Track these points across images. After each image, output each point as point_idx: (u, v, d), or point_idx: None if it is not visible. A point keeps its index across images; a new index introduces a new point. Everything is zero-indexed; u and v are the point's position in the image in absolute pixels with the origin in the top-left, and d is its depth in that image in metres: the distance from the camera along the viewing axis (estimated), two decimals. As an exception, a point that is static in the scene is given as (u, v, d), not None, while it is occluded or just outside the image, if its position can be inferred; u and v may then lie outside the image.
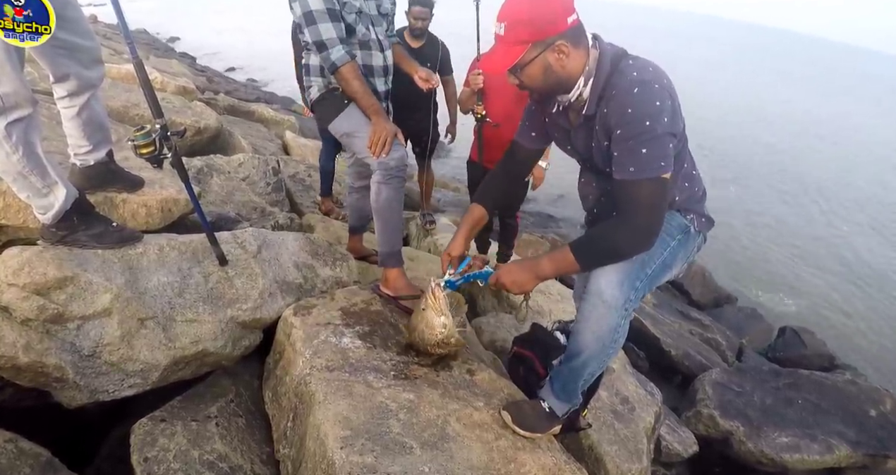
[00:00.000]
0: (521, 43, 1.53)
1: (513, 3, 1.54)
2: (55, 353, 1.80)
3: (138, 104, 4.51)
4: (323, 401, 1.79)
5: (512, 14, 1.53)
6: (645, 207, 1.53)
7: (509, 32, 1.54)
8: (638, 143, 1.49)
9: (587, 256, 1.66)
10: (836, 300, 9.11)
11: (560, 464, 1.86)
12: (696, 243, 1.84)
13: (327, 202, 4.55)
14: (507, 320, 3.22)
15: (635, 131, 1.49)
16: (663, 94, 1.50)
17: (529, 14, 1.50)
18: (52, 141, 2.65)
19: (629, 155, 1.51)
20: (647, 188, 1.51)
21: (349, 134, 2.53)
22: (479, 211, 2.05)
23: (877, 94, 43.83)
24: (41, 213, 1.98)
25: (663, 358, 4.91)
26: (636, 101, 1.49)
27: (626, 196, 1.56)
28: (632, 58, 1.61)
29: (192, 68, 14.64)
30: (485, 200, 2.07)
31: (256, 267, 2.35)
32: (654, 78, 1.52)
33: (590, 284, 1.68)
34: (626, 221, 1.57)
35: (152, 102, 1.94)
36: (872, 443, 3.94)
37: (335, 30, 2.34)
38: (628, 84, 1.52)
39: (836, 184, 15.84)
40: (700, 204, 1.82)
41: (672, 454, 3.41)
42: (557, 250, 1.72)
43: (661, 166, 1.49)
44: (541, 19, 1.50)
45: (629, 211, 1.56)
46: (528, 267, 1.75)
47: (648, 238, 1.57)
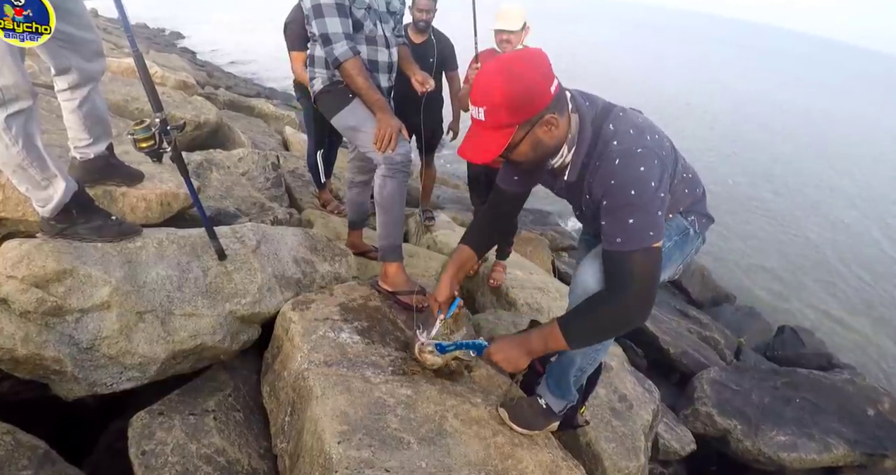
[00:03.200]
0: (506, 127, 1.42)
1: (486, 84, 1.39)
2: (54, 346, 1.80)
3: (138, 98, 4.51)
4: (321, 395, 1.79)
5: (489, 98, 1.38)
6: (636, 280, 1.46)
7: (490, 118, 1.40)
8: (625, 214, 1.43)
9: (577, 336, 1.59)
10: (835, 299, 9.11)
11: (557, 460, 1.86)
12: (695, 245, 1.81)
13: (324, 194, 4.54)
14: (506, 317, 3.22)
15: (621, 202, 1.44)
16: (647, 156, 1.45)
17: (509, 96, 1.36)
18: (51, 134, 2.65)
19: (617, 226, 1.45)
20: (637, 260, 1.45)
21: (354, 128, 2.53)
22: (467, 252, 1.98)
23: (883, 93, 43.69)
24: (40, 206, 1.98)
25: (662, 356, 4.91)
26: (619, 171, 1.44)
27: (615, 268, 1.49)
28: (612, 118, 1.52)
29: (192, 63, 14.62)
30: (472, 241, 1.99)
31: (255, 262, 2.35)
32: (636, 140, 1.47)
33: (577, 279, 1.67)
34: (616, 297, 1.49)
35: (152, 96, 1.94)
36: (870, 443, 3.94)
37: (342, 25, 2.35)
38: (611, 154, 1.46)
39: (840, 180, 15.85)
40: (701, 203, 1.79)
41: (670, 452, 3.41)
42: (547, 326, 1.64)
43: (651, 236, 1.43)
44: (523, 98, 1.38)
45: (619, 285, 1.49)
46: (519, 344, 1.69)
47: (641, 313, 1.51)
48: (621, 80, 24.77)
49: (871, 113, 31.22)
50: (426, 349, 1.99)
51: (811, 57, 72.41)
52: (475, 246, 1.99)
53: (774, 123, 22.65)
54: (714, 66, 42.37)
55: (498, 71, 1.38)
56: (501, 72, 1.37)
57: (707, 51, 54.55)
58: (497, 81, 1.37)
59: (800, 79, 44.49)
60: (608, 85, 19.16)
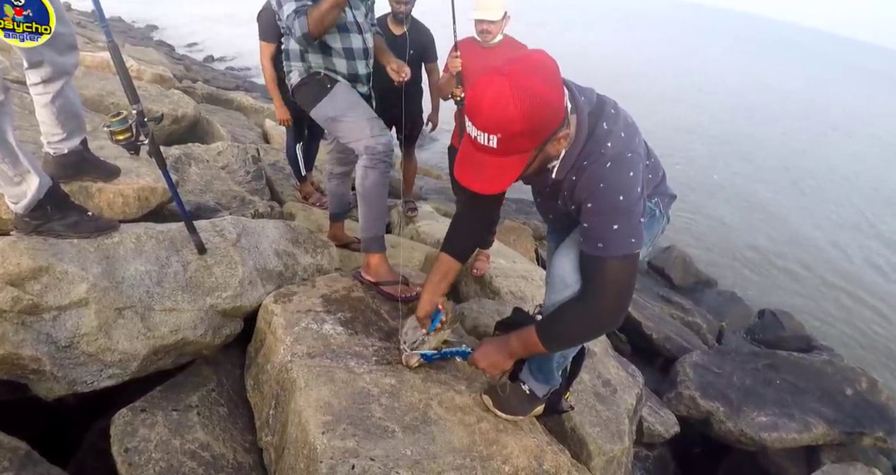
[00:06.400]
0: (522, 153, 1.32)
1: (500, 110, 1.23)
2: (31, 345, 1.78)
3: (113, 92, 4.45)
4: (304, 387, 1.79)
5: (506, 126, 1.24)
6: (613, 286, 1.46)
7: (505, 145, 1.28)
8: (609, 219, 1.42)
9: (553, 341, 1.61)
10: (814, 282, 9.25)
11: (542, 445, 1.88)
12: (661, 225, 1.82)
13: (305, 186, 4.51)
14: (490, 305, 3.23)
15: (607, 207, 1.42)
16: (635, 161, 1.44)
17: (529, 121, 1.24)
18: (24, 130, 2.61)
19: (600, 230, 1.43)
20: (615, 266, 1.44)
21: (334, 118, 2.51)
22: (448, 263, 1.93)
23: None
24: (13, 203, 1.94)
25: (645, 341, 4.98)
26: (609, 176, 1.42)
27: (593, 273, 1.49)
28: (605, 117, 1.47)
29: (169, 56, 14.39)
30: (453, 249, 1.92)
31: (236, 255, 2.34)
32: (628, 145, 1.45)
33: (553, 268, 1.67)
34: (592, 302, 1.50)
35: (128, 87, 1.91)
36: (848, 422, 4.03)
37: (296, 4, 2.28)
38: (602, 157, 1.43)
39: (820, 168, 16.03)
40: (663, 185, 1.79)
41: (654, 435, 3.46)
42: (524, 330, 1.66)
43: (632, 243, 1.43)
44: (542, 122, 1.27)
45: (596, 289, 1.48)
46: (501, 348, 1.73)
47: (615, 317, 1.52)
48: (619, 69, 24.77)
49: (854, 102, 31.55)
50: (412, 360, 2.00)
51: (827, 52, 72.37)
52: (457, 253, 1.93)
53: (764, 110, 22.88)
54: (722, 58, 42.38)
55: (511, 93, 1.21)
56: (514, 94, 1.21)
57: (701, 41, 54.59)
58: (511, 106, 1.21)
59: (794, 68, 44.78)
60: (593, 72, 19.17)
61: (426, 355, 2.00)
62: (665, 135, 15.47)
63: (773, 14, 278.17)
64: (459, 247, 1.94)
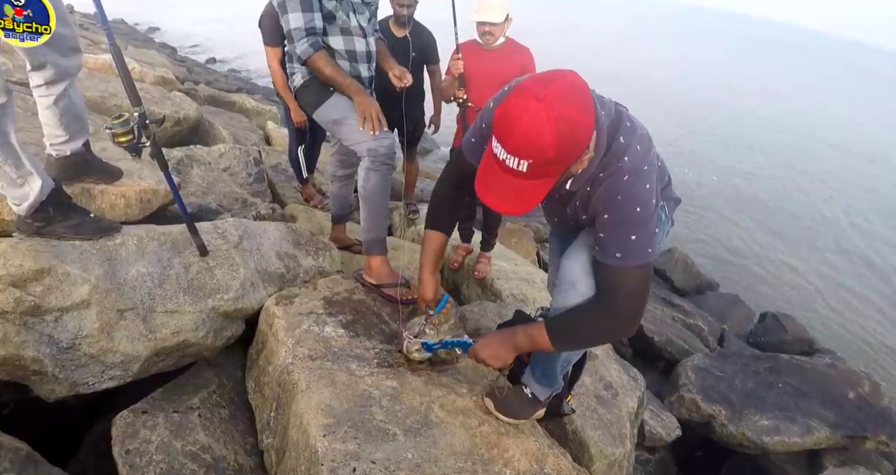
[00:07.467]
0: (550, 177, 1.31)
1: (536, 138, 1.20)
2: (33, 346, 1.78)
3: (116, 94, 4.45)
4: (306, 389, 1.78)
5: (539, 153, 1.22)
6: (629, 295, 1.48)
7: (535, 170, 1.25)
8: (628, 230, 1.43)
9: (563, 341, 1.63)
10: (816, 285, 9.23)
11: (544, 448, 1.88)
12: (667, 229, 1.82)
13: (307, 188, 4.51)
14: (491, 308, 3.22)
15: (625, 218, 1.43)
16: (651, 173, 1.46)
17: (562, 150, 1.23)
18: (27, 132, 2.61)
19: (618, 241, 1.45)
20: (633, 276, 1.46)
21: (336, 121, 2.51)
22: (437, 238, 1.94)
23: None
24: (16, 204, 1.94)
25: (646, 344, 4.97)
26: (627, 188, 1.43)
27: (610, 282, 1.50)
28: (622, 130, 1.46)
29: (171, 58, 14.43)
30: (439, 224, 1.94)
31: (237, 257, 2.34)
32: (644, 157, 1.45)
33: (562, 273, 1.67)
34: (608, 309, 1.52)
35: (130, 90, 1.91)
36: (851, 425, 4.01)
37: (304, 19, 2.36)
38: (620, 170, 1.43)
39: (820, 169, 16.01)
40: (669, 189, 1.79)
41: (655, 438, 3.45)
42: (534, 326, 1.67)
43: (648, 253, 1.45)
44: (573, 148, 1.25)
45: (612, 298, 1.50)
46: (505, 339, 1.72)
47: (631, 325, 1.53)
48: (621, 72, 24.76)
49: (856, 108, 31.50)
50: (413, 348, 2.00)
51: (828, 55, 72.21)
52: (444, 227, 1.94)
53: (764, 113, 22.86)
54: (725, 62, 42.31)
55: (546, 121, 1.19)
56: (550, 122, 1.19)
57: (705, 45, 54.60)
58: (547, 135, 1.19)
59: (795, 72, 44.72)
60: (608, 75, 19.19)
61: (428, 344, 1.99)
62: (665, 136, 15.48)
63: (773, 15, 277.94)
64: (446, 220, 1.96)
